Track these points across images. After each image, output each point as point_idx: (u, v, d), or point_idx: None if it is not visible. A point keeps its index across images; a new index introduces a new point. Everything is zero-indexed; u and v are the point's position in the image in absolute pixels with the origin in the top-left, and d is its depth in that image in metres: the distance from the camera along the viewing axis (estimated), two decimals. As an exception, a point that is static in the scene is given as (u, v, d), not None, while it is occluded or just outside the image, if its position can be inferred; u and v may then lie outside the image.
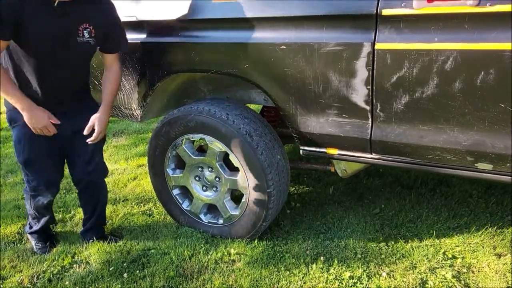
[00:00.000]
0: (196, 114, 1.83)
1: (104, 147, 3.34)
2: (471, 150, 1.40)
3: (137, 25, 1.86)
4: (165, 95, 2.11)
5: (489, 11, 1.22)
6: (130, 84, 2.01)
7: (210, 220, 2.06)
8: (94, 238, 2.05)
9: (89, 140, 1.73)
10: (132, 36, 1.88)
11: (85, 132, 1.71)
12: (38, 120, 1.65)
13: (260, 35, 1.60)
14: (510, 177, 1.41)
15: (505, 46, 1.22)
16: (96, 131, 1.73)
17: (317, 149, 1.75)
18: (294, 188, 2.53)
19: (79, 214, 2.34)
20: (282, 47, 1.56)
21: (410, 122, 1.47)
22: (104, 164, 2.02)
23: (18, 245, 2.11)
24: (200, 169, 1.99)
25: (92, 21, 1.64)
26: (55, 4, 1.53)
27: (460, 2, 1.25)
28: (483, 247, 1.87)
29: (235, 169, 1.89)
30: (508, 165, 1.38)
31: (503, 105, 1.29)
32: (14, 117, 1.73)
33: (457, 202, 2.23)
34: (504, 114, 1.30)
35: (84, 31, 1.62)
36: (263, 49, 1.60)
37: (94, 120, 1.73)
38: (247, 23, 1.62)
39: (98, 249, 1.98)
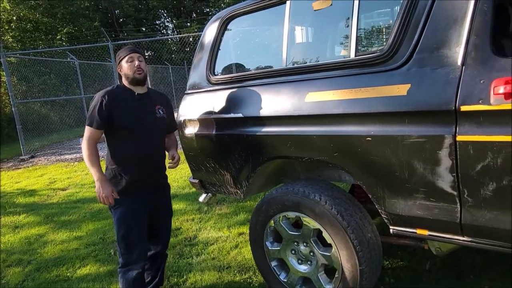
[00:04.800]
0: (292, 195, 2.08)
1: (209, 215, 3.80)
2: None
3: (242, 121, 2.24)
4: (264, 175, 2.41)
5: None
6: (235, 167, 2.36)
7: (306, 293, 2.20)
8: None
9: (172, 163, 2.31)
10: (238, 129, 2.26)
11: (170, 157, 2.34)
12: (104, 189, 2.05)
13: (347, 129, 1.83)
14: None
15: None
16: (176, 158, 2.32)
17: (407, 229, 1.83)
18: (387, 262, 2.55)
19: (191, 278, 2.67)
20: (368, 138, 1.76)
21: (502, 207, 1.51)
22: (169, 239, 2.49)
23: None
24: (295, 243, 2.19)
25: (162, 104, 2.31)
26: (136, 94, 2.20)
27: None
28: None
29: (329, 245, 2.04)
30: None
31: None
32: (116, 201, 2.13)
33: None
34: None
35: (159, 110, 2.27)
36: (351, 140, 1.82)
37: (174, 153, 2.34)
38: (336, 118, 1.86)
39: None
